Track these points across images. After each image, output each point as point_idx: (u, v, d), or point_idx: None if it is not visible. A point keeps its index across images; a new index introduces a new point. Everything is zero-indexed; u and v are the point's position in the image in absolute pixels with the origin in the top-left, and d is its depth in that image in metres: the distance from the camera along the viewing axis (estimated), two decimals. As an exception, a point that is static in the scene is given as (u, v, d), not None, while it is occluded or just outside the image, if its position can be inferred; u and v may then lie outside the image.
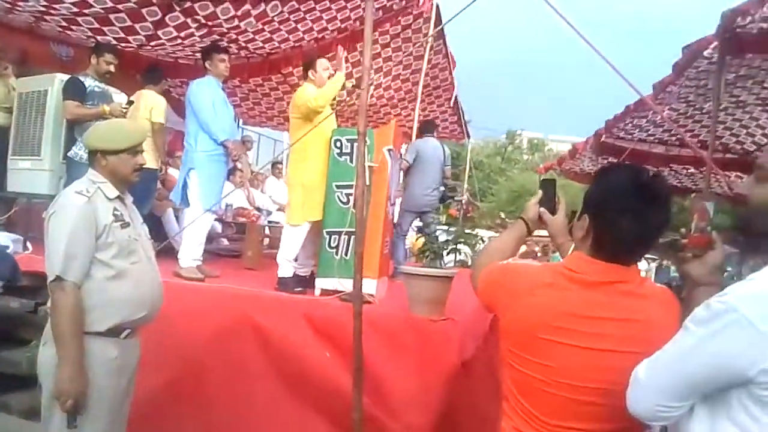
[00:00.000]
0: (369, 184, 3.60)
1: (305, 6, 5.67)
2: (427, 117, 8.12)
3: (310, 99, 4.07)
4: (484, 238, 4.53)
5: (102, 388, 2.18)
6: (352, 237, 3.79)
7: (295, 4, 5.56)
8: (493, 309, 1.64)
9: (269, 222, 7.74)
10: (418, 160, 5.77)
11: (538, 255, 13.49)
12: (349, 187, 3.84)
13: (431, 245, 3.91)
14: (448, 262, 4.48)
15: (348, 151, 3.94)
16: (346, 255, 3.86)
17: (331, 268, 3.91)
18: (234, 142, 4.59)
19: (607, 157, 8.28)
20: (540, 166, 18.61)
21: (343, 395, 3.05)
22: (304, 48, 6.76)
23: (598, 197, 1.48)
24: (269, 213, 8.06)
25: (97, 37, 5.78)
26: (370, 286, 3.64)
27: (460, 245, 4.08)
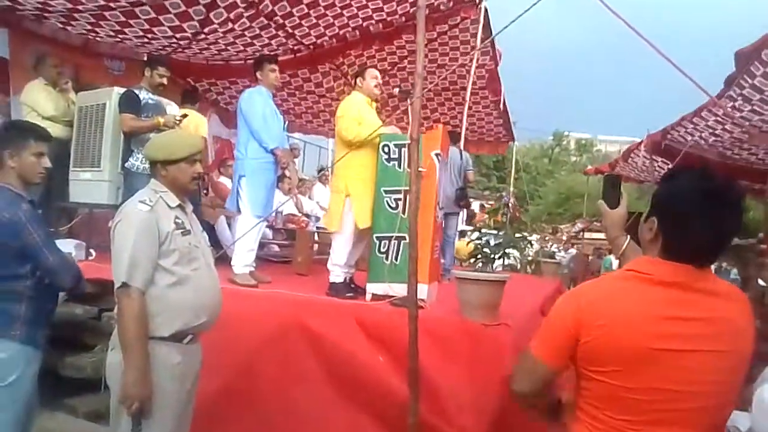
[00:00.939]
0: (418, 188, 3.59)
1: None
2: (471, 116, 8.13)
3: (349, 131, 4.08)
4: (533, 242, 4.46)
5: (166, 393, 2.22)
6: (402, 242, 3.79)
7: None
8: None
9: (317, 228, 7.82)
10: None
11: (590, 258, 13.21)
12: (398, 192, 3.85)
13: (482, 250, 3.88)
14: (497, 266, 4.44)
15: (396, 156, 3.92)
16: (396, 260, 3.86)
17: (382, 273, 3.91)
18: (283, 150, 4.66)
19: (667, 161, 8.06)
20: (588, 167, 18.22)
21: (396, 399, 3.06)
22: (349, 39, 6.92)
23: (671, 200, 1.44)
24: (317, 219, 8.13)
25: (148, 35, 6.02)
26: (421, 290, 3.62)
27: (509, 249, 4.04)
